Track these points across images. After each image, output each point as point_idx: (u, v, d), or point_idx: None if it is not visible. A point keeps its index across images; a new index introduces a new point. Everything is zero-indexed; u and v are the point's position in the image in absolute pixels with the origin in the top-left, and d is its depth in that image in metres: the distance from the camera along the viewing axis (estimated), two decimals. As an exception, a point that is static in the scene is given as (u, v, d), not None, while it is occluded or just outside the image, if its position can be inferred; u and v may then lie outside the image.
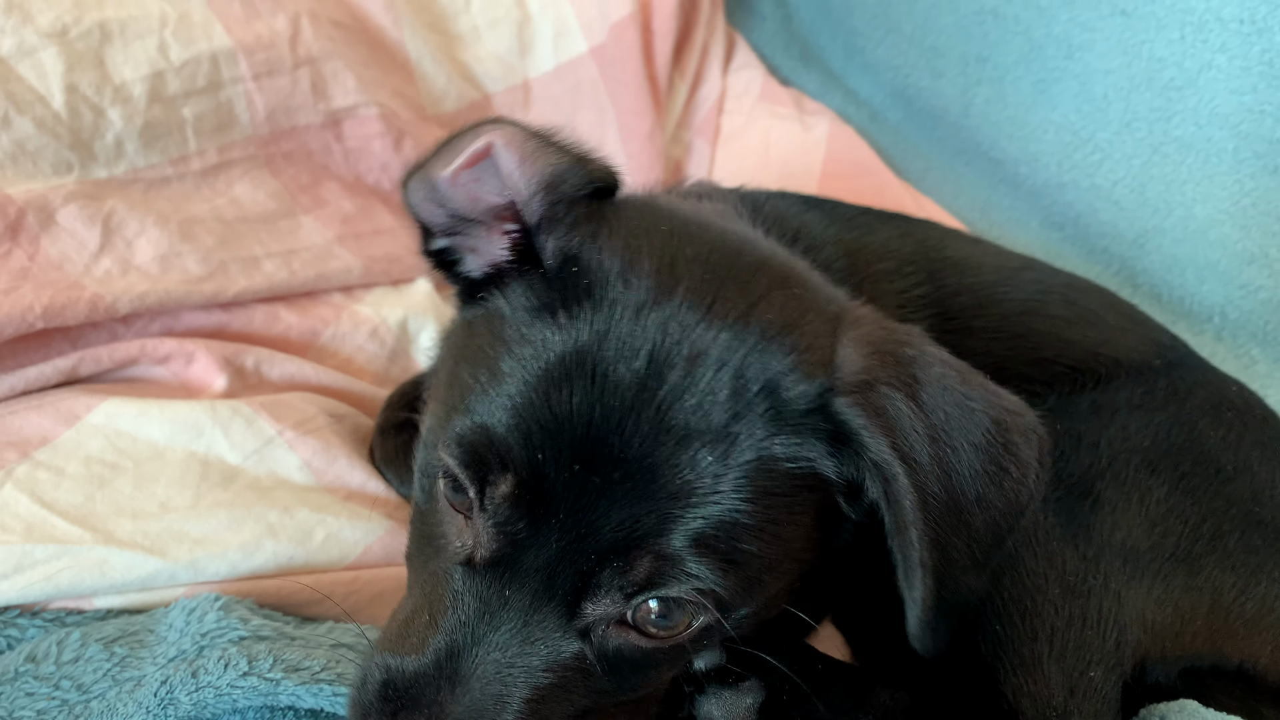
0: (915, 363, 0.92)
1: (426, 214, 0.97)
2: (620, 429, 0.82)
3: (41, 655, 1.06)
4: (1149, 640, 1.09)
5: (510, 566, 0.85)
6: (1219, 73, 1.65)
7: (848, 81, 2.10)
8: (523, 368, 0.85)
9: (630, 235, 0.91)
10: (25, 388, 1.25)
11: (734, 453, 0.84)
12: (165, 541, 1.15)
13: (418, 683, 0.84)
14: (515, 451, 0.83)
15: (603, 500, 0.82)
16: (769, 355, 0.87)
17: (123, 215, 1.37)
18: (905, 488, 0.86)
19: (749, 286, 0.91)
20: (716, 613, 0.86)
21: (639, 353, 0.84)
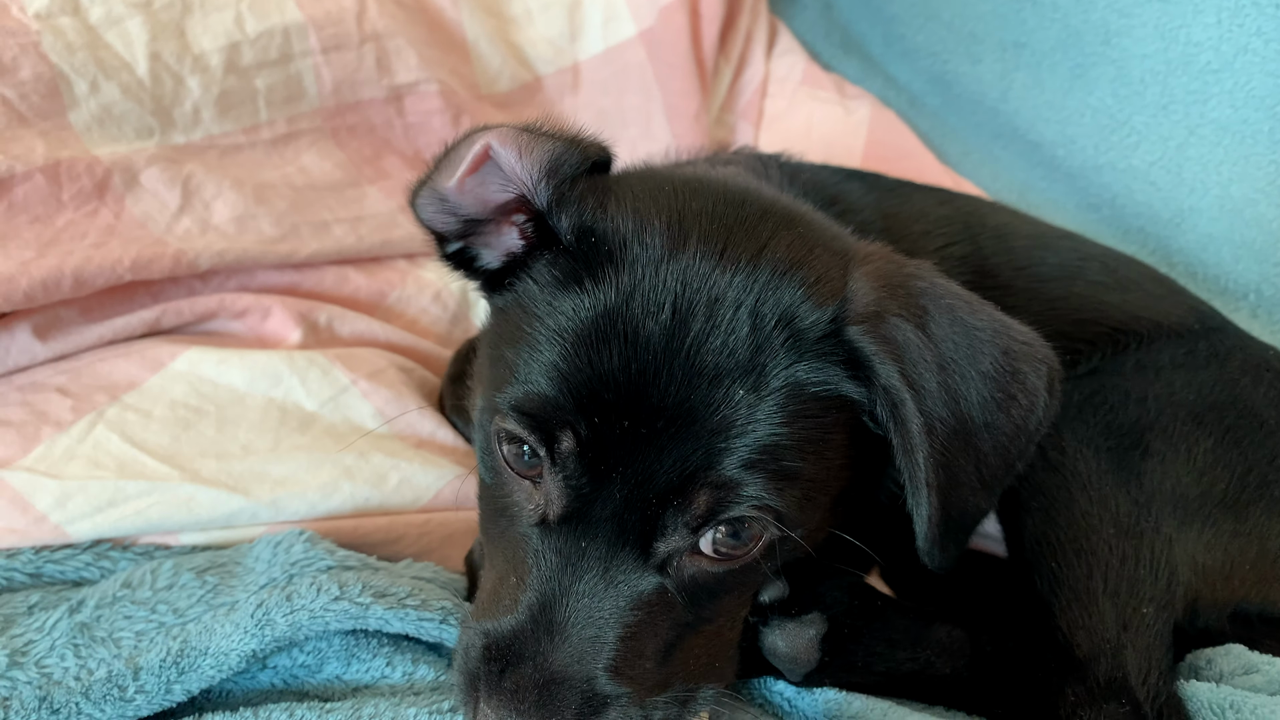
0: (925, 294, 0.98)
1: (440, 224, 1.03)
2: (656, 379, 0.88)
3: (137, 582, 1.11)
4: (1199, 582, 1.12)
5: (582, 520, 0.90)
6: (1255, 56, 1.69)
7: (887, 68, 2.15)
8: (560, 336, 0.91)
9: (637, 199, 0.98)
10: (113, 337, 1.30)
11: (763, 383, 0.90)
12: (248, 481, 1.20)
13: (518, 639, 0.89)
14: (570, 411, 0.89)
15: (652, 447, 0.88)
16: (782, 290, 0.93)
17: (201, 178, 1.43)
18: (912, 412, 0.91)
19: (756, 230, 0.98)
20: (777, 526, 0.92)
21: (663, 306, 0.90)
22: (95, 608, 1.08)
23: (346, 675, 1.08)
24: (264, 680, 1.07)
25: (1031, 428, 1.01)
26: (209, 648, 1.01)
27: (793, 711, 1.10)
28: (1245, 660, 1.12)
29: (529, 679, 0.86)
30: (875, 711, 1.06)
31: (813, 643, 1.06)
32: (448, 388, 1.44)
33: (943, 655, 1.10)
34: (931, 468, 0.93)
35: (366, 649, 1.08)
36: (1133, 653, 1.04)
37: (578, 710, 0.86)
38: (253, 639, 1.01)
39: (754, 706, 1.12)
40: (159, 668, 1.00)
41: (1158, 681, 1.03)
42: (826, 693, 1.08)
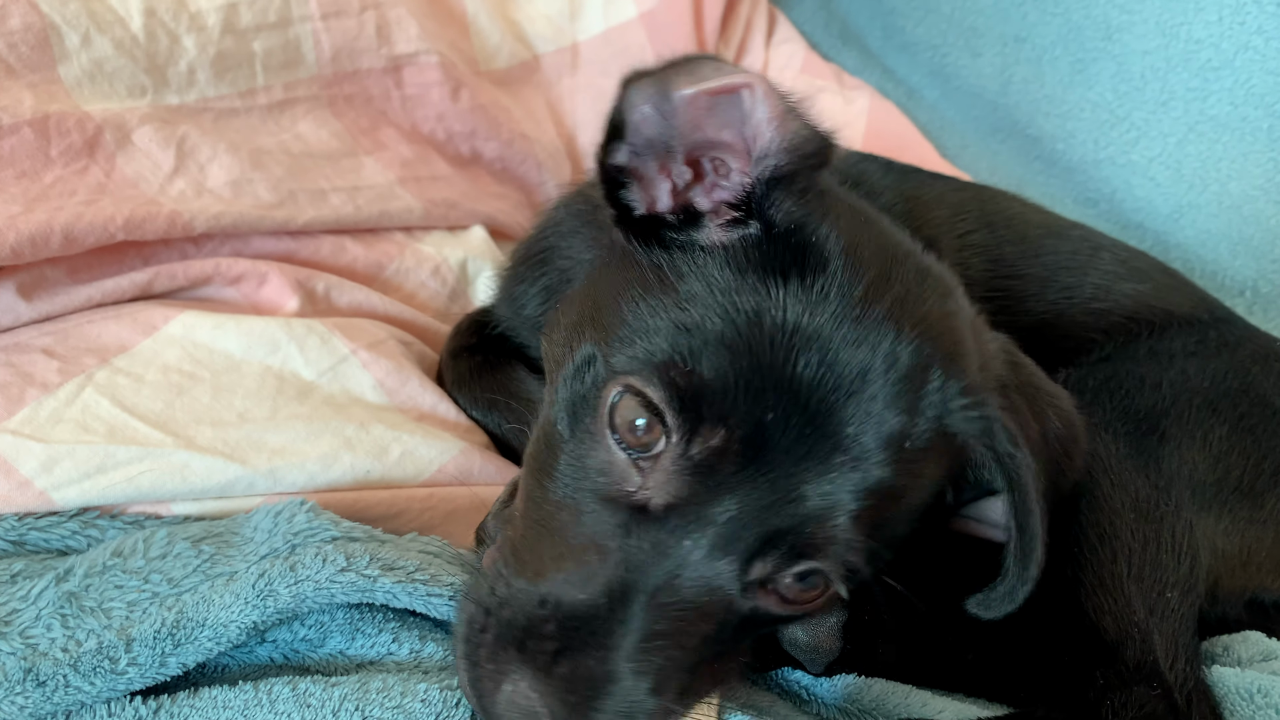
0: (1022, 369, 1.02)
1: (638, 116, 0.91)
2: (845, 405, 0.85)
3: (129, 551, 1.05)
4: (1219, 568, 1.12)
5: (694, 516, 0.84)
6: (1255, 54, 1.71)
7: (885, 60, 2.14)
8: (750, 324, 0.86)
9: (850, 224, 0.94)
10: (102, 299, 1.24)
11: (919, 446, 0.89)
12: (245, 449, 1.15)
13: (590, 622, 0.82)
14: (739, 404, 0.83)
15: (815, 468, 0.84)
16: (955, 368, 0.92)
17: (195, 140, 1.37)
18: (1032, 474, 0.93)
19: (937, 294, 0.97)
20: (842, 584, 0.89)
21: (866, 339, 0.87)
22: (84, 576, 1.02)
23: (350, 650, 1.03)
24: (262, 655, 1.02)
25: (1068, 485, 1.04)
26: (207, 619, 0.96)
27: (811, 700, 1.07)
28: (1264, 647, 1.11)
29: (589, 671, 0.80)
30: (896, 695, 1.03)
31: (834, 631, 1.03)
32: (448, 363, 1.39)
33: (964, 642, 1.08)
34: (1045, 525, 0.93)
35: (372, 623, 1.04)
36: (1160, 637, 1.03)
37: (621, 715, 0.81)
38: (254, 610, 0.96)
39: (769, 693, 1.09)
40: (153, 639, 0.94)
41: (1185, 667, 1.02)
42: (845, 678, 1.05)
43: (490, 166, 1.76)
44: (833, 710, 1.05)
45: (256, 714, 0.92)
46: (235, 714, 0.92)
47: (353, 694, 0.95)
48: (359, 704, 0.94)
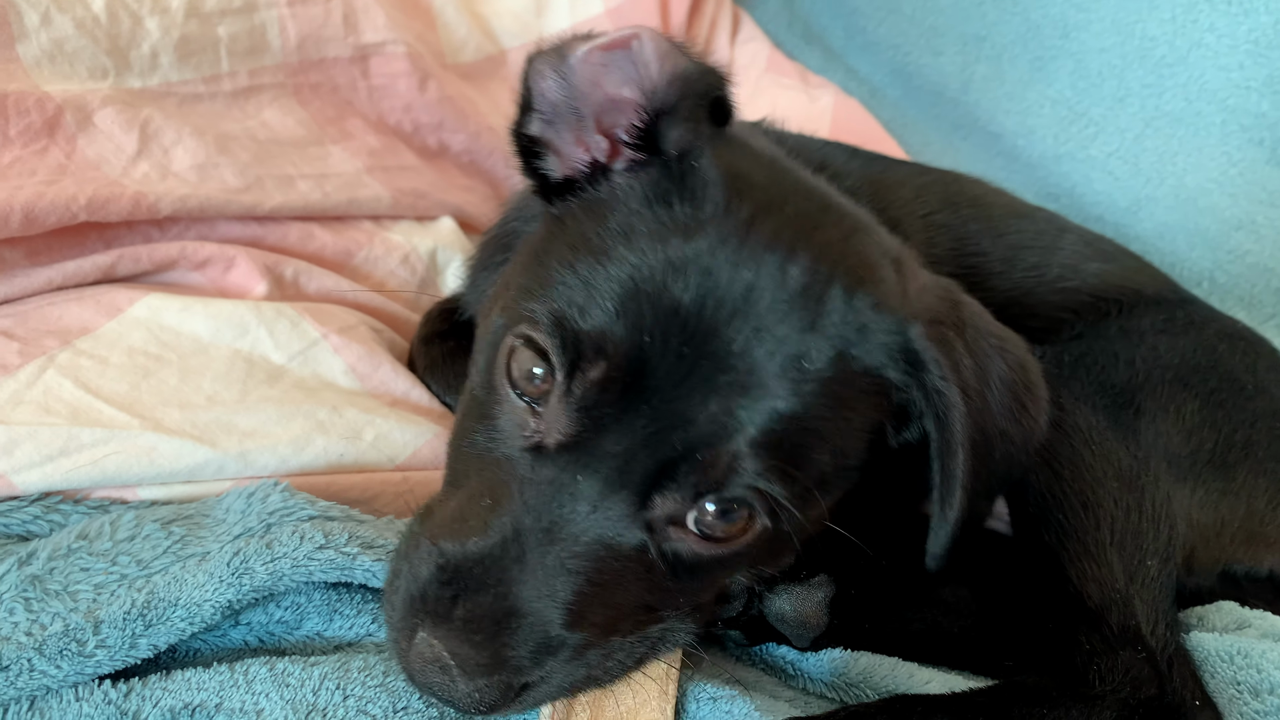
0: (961, 306, 1.00)
1: (541, 87, 0.97)
2: (729, 324, 0.84)
3: (94, 533, 1.01)
4: (1195, 538, 1.13)
5: (585, 452, 0.84)
6: (1208, 51, 1.76)
7: (848, 60, 2.16)
8: (636, 252, 0.87)
9: (741, 152, 0.97)
10: (63, 282, 1.20)
11: (821, 365, 0.87)
12: (214, 432, 1.12)
13: (481, 565, 0.82)
14: (617, 334, 0.83)
15: (699, 390, 0.83)
16: (862, 286, 0.92)
17: (159, 123, 1.34)
18: (961, 414, 0.92)
19: (841, 223, 0.98)
20: (768, 519, 0.88)
21: (751, 259, 0.87)
22: (48, 560, 0.98)
23: (328, 632, 1.00)
24: (236, 638, 0.99)
25: (1034, 441, 1.03)
26: (179, 598, 0.93)
27: (797, 675, 1.06)
28: (1237, 615, 1.13)
29: (487, 609, 0.80)
30: (882, 668, 1.03)
31: (821, 606, 1.02)
32: (419, 349, 1.37)
33: (949, 615, 1.08)
34: (968, 471, 0.93)
35: (350, 604, 1.01)
36: (1141, 604, 1.04)
37: (533, 651, 0.80)
38: (229, 588, 0.93)
39: (754, 669, 1.08)
40: (123, 620, 0.91)
41: (1165, 632, 1.03)
42: (832, 652, 1.05)
43: (458, 159, 1.75)
44: (819, 685, 1.04)
45: (233, 694, 0.89)
46: (210, 695, 0.89)
47: (333, 673, 0.92)
48: (340, 683, 0.91)
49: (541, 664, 0.82)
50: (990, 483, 1.00)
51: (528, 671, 0.81)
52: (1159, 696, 0.95)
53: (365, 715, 0.89)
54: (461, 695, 0.79)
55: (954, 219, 1.41)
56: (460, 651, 0.78)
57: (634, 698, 0.92)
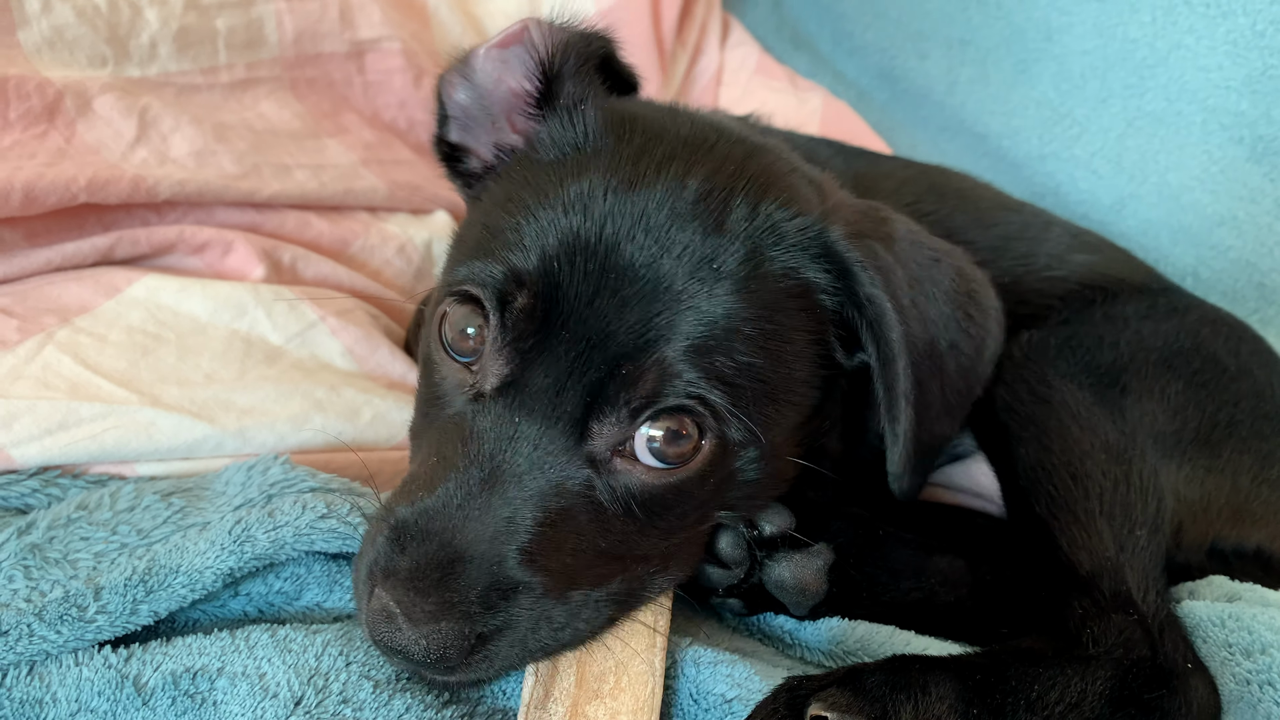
0: (889, 221, 1.03)
1: (452, 95, 1.09)
2: (631, 238, 0.88)
3: (94, 504, 1.02)
4: (1182, 512, 1.14)
5: (519, 390, 0.87)
6: (1188, 52, 1.79)
7: (835, 64, 2.20)
8: (537, 195, 0.92)
9: (637, 103, 1.07)
10: (61, 263, 1.21)
11: (733, 265, 0.90)
12: (213, 409, 1.12)
13: (425, 516, 0.83)
14: (531, 265, 0.87)
15: (612, 307, 0.86)
16: (769, 193, 0.95)
17: (158, 111, 1.35)
18: (893, 321, 0.94)
19: (742, 144, 1.02)
20: (716, 426, 0.89)
21: (644, 177, 0.91)
22: (47, 529, 0.98)
23: (329, 603, 1.00)
24: (235, 609, 0.99)
25: (988, 352, 1.06)
26: (181, 565, 0.93)
27: (795, 644, 1.07)
28: (1228, 589, 1.14)
29: (430, 557, 0.80)
30: (880, 635, 1.03)
31: (821, 573, 1.03)
32: (415, 334, 1.38)
33: (945, 584, 1.09)
34: (909, 380, 0.95)
35: (350, 576, 1.01)
36: (1131, 572, 1.05)
37: (482, 593, 0.80)
38: (231, 556, 0.94)
39: (751, 639, 1.09)
40: (123, 586, 0.91)
41: (1156, 599, 1.04)
42: (829, 622, 1.05)
43: (452, 156, 1.76)
44: (817, 654, 1.05)
45: (234, 659, 0.89)
46: (212, 659, 0.89)
47: (336, 640, 0.92)
48: (343, 649, 0.91)
49: (495, 610, 0.81)
50: (948, 398, 1.01)
51: (479, 618, 0.80)
52: (1151, 658, 0.96)
53: (369, 680, 0.89)
54: (410, 643, 0.78)
55: (940, 209, 1.43)
56: (405, 599, 0.79)
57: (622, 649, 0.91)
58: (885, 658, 0.92)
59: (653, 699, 0.89)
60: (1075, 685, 0.92)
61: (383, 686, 0.89)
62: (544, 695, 0.89)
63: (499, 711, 0.93)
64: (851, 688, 0.85)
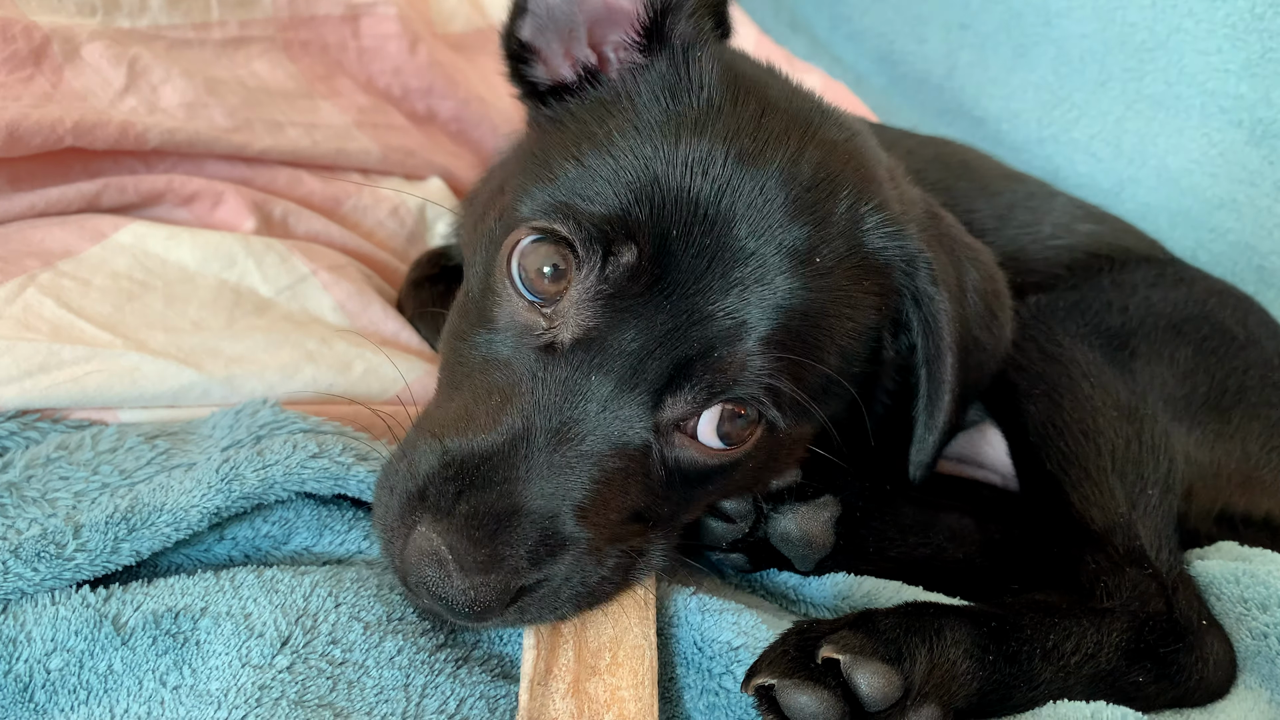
0: (941, 218, 1.04)
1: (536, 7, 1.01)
2: (746, 217, 0.84)
3: (75, 445, 0.98)
4: (1192, 474, 1.13)
5: (598, 350, 0.83)
6: (1187, 35, 1.79)
7: (834, 48, 2.19)
8: (648, 144, 0.86)
9: (739, 56, 1.00)
10: (45, 208, 1.17)
11: (832, 263, 0.88)
12: (200, 356, 1.08)
13: (490, 460, 0.80)
14: (642, 219, 0.82)
15: (719, 286, 0.83)
16: (868, 187, 0.94)
17: (148, 61, 1.32)
18: (947, 318, 0.94)
19: (842, 126, 1.00)
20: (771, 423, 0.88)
21: (763, 153, 0.87)
22: (25, 468, 0.94)
23: (318, 548, 0.97)
24: (220, 553, 0.95)
25: (1003, 348, 1.07)
26: (165, 504, 0.89)
27: (799, 600, 1.04)
28: (1239, 553, 1.12)
29: (490, 506, 0.77)
30: (886, 591, 1.01)
31: (827, 526, 1.00)
32: (409, 293, 1.35)
33: (953, 541, 1.06)
34: (955, 374, 0.96)
35: (341, 520, 0.98)
36: (1144, 529, 1.03)
37: (533, 548, 0.78)
38: (218, 494, 0.90)
39: (754, 595, 1.06)
40: (104, 524, 0.87)
41: (1169, 557, 1.02)
42: (834, 577, 1.02)
43: (446, 127, 1.73)
44: (821, 610, 1.02)
45: (219, 599, 0.86)
46: (195, 599, 0.85)
47: (325, 581, 0.88)
48: (332, 590, 0.88)
49: (540, 565, 0.79)
50: (966, 391, 1.02)
51: (524, 574, 0.78)
52: (1167, 612, 0.94)
53: (359, 622, 0.86)
54: (456, 592, 0.76)
55: (945, 176, 1.42)
56: (459, 546, 0.76)
57: (614, 625, 0.89)
58: (899, 604, 0.90)
59: (650, 671, 0.86)
60: (1091, 637, 0.90)
61: (373, 628, 0.86)
62: (545, 671, 0.85)
63: (494, 657, 0.90)
64: (865, 630, 0.82)
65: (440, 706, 0.83)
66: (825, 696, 0.77)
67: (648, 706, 0.83)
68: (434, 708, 0.83)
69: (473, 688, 0.85)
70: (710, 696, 0.88)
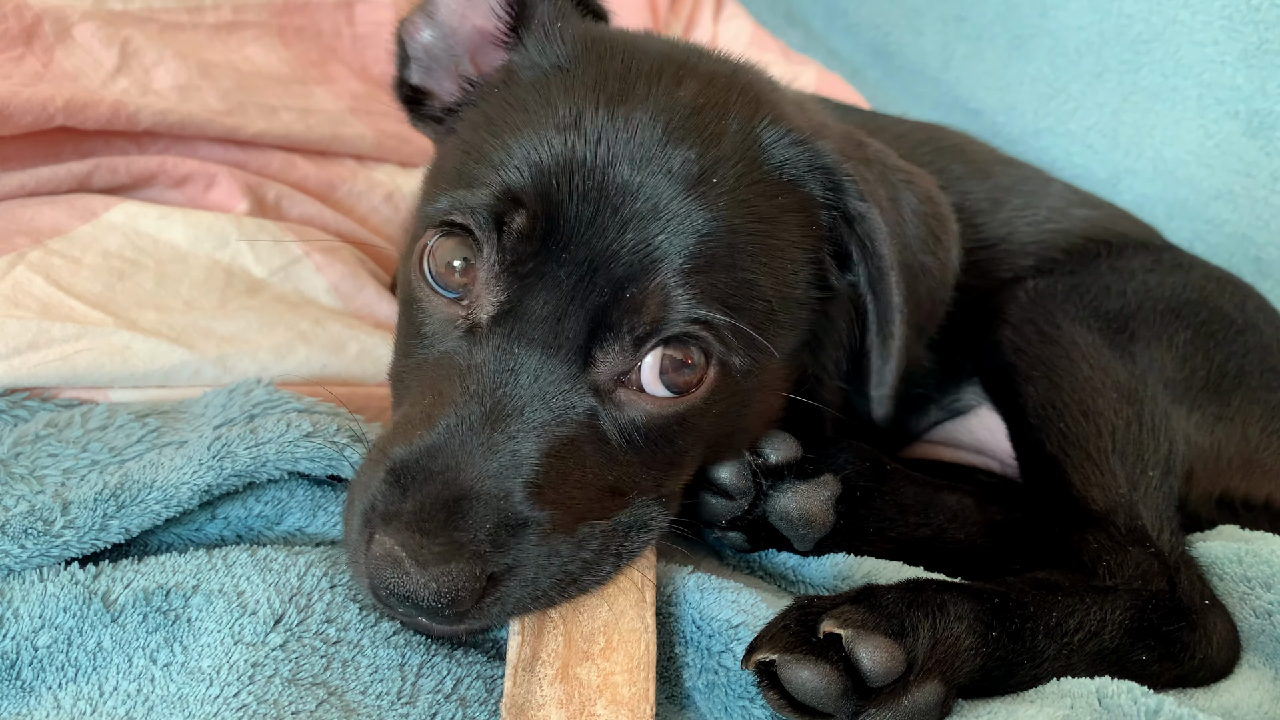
0: (865, 144, 1.02)
1: (415, 37, 1.07)
2: (629, 155, 0.85)
3: (64, 423, 0.96)
4: (1193, 457, 1.12)
5: (518, 319, 0.83)
6: (1183, 27, 1.78)
7: (829, 41, 2.18)
8: (524, 116, 0.89)
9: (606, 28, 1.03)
10: (35, 188, 1.16)
11: (731, 181, 0.88)
12: (191, 335, 1.07)
13: (425, 455, 0.79)
14: (527, 184, 0.84)
15: (613, 227, 0.83)
16: (761, 108, 0.93)
17: (140, 43, 1.31)
18: (884, 236, 0.93)
19: (726, 61, 1.02)
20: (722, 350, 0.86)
21: (636, 92, 0.89)
22: (13, 445, 0.93)
23: (311, 529, 0.95)
24: (212, 532, 0.94)
25: (950, 270, 1.05)
26: (155, 480, 0.88)
27: (798, 580, 1.02)
28: (1240, 536, 1.11)
29: (435, 496, 0.76)
30: (887, 571, 0.99)
31: (827, 504, 0.99)
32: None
33: (954, 521, 1.05)
34: (901, 293, 0.94)
35: (335, 501, 0.96)
36: (1145, 510, 1.02)
37: (491, 531, 0.76)
38: (209, 471, 0.89)
39: (752, 575, 1.04)
40: (93, 501, 0.86)
41: (1171, 538, 1.01)
42: (834, 557, 1.01)
43: (441, 115, 1.72)
44: (821, 590, 1.01)
45: (211, 577, 0.84)
46: (186, 577, 0.84)
47: (319, 562, 0.87)
48: (327, 570, 0.86)
49: (505, 548, 0.77)
50: (919, 319, 1.00)
51: (490, 557, 0.76)
52: (1170, 591, 0.93)
53: (354, 603, 0.85)
54: (420, 587, 0.73)
55: (938, 159, 1.41)
56: (410, 541, 0.74)
57: (609, 609, 0.88)
58: (903, 580, 0.89)
59: (647, 655, 0.84)
60: (1094, 614, 0.89)
61: (369, 609, 0.85)
62: (531, 657, 0.84)
63: (490, 639, 0.89)
64: (867, 605, 0.81)
65: (436, 686, 0.82)
66: (827, 671, 0.76)
67: (643, 691, 0.82)
68: (430, 687, 0.81)
69: (469, 668, 0.84)
70: (709, 675, 0.87)
